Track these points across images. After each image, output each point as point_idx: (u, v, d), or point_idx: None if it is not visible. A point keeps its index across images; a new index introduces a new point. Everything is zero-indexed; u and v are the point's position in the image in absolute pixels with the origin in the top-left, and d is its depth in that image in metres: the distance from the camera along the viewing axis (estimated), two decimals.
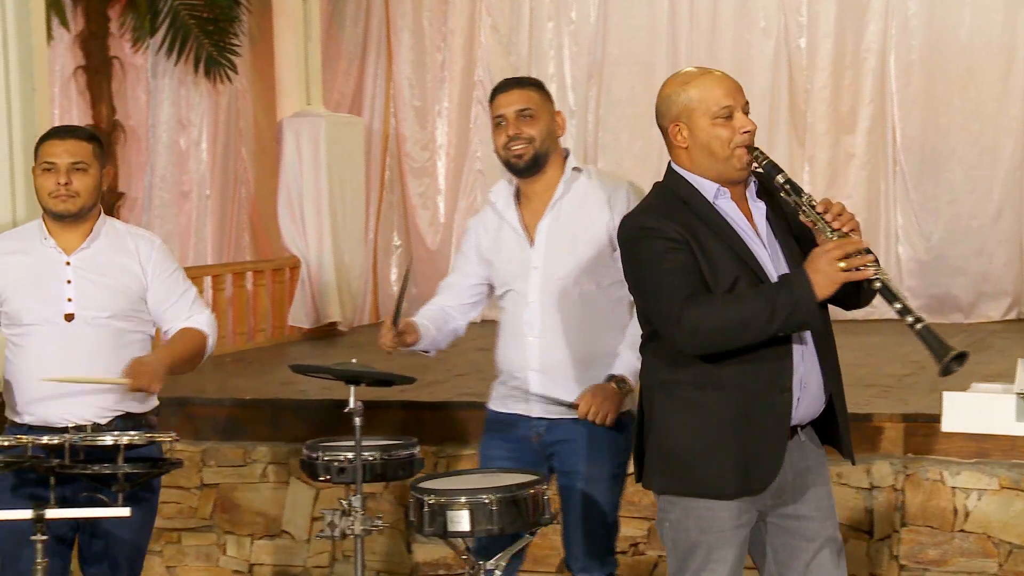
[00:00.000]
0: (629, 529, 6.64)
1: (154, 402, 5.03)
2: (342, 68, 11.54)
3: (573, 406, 4.75)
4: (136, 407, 4.91)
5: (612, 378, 4.77)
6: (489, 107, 4.96)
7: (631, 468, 4.31)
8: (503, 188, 5.01)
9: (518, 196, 4.96)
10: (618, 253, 4.66)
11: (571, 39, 11.19)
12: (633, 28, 11.06)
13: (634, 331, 4.79)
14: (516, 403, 4.89)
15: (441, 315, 5.05)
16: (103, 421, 4.84)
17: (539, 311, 4.83)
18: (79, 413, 4.82)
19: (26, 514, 4.50)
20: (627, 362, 4.78)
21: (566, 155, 4.94)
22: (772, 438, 3.87)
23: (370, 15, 11.58)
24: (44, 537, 4.51)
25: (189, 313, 5.05)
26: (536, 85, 4.94)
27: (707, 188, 3.95)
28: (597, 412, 4.73)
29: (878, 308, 4.07)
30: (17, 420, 4.89)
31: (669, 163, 4.04)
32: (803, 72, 10.85)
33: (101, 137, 9.94)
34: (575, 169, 4.90)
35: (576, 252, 4.83)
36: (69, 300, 4.84)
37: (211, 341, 5.08)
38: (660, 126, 4.05)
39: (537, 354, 4.83)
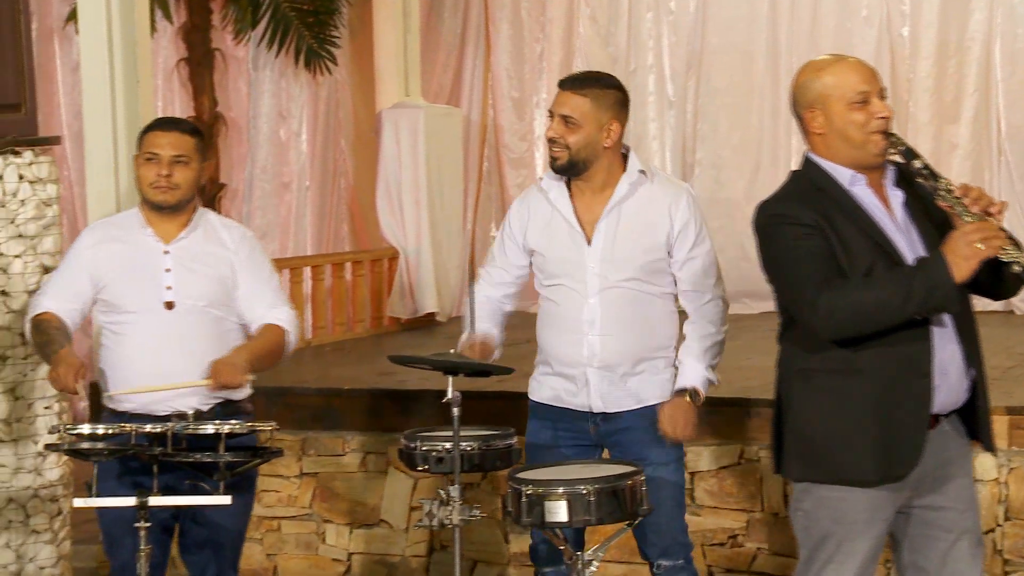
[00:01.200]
0: (727, 521, 6.61)
1: (249, 390, 5.06)
2: (441, 59, 11.56)
3: (663, 435, 4.80)
4: (233, 395, 4.95)
5: (684, 392, 4.80)
6: None
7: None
8: (555, 176, 4.95)
9: (569, 186, 4.92)
10: (672, 259, 4.71)
11: (670, 29, 11.13)
12: (733, 18, 10.98)
13: (696, 341, 4.83)
14: (571, 396, 4.89)
15: (498, 310, 5.10)
16: (205, 408, 4.89)
17: (599, 310, 4.83)
18: (183, 401, 4.87)
19: (129, 501, 4.57)
20: (696, 373, 4.83)
21: (626, 152, 4.89)
22: (912, 424, 3.85)
23: (469, 6, 11.58)
24: (147, 524, 4.57)
25: (270, 307, 5.03)
26: (596, 88, 4.82)
27: (842, 175, 3.95)
28: (680, 434, 4.81)
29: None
30: (116, 408, 4.93)
31: (806, 152, 4.03)
32: (906, 61, 10.71)
33: (203, 130, 10.07)
34: (641, 172, 4.87)
35: (636, 257, 4.83)
36: (168, 288, 4.89)
37: (291, 338, 5.04)
38: (795, 114, 4.05)
39: (598, 352, 4.84)
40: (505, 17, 11.50)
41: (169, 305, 4.88)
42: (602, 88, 4.84)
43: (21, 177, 5.92)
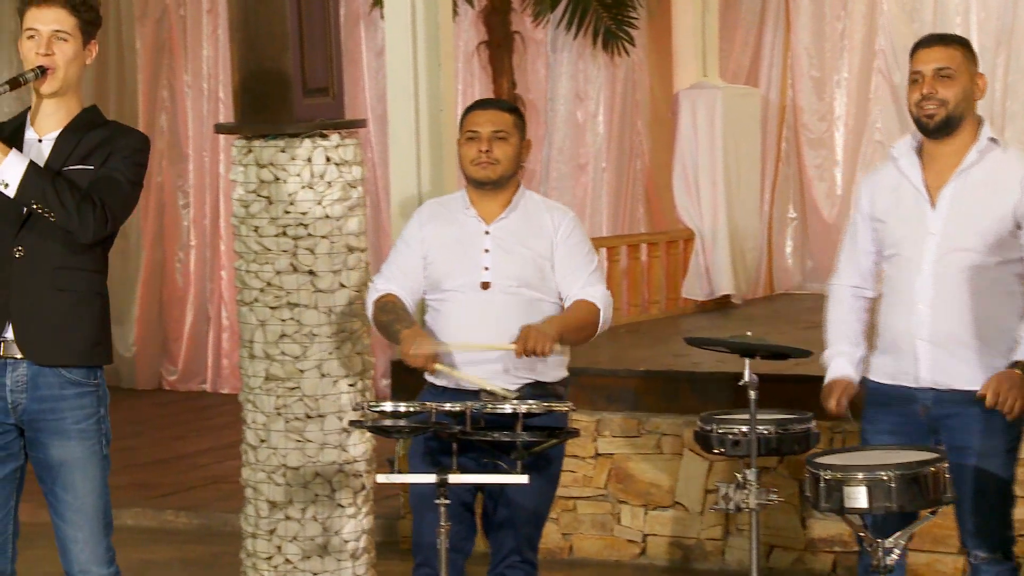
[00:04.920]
0: None
1: (563, 373, 5.14)
2: (739, 39, 11.44)
3: (980, 397, 4.60)
4: (546, 376, 5.03)
5: (1017, 364, 4.62)
6: (909, 60, 4.84)
7: None
8: (906, 144, 4.87)
9: (920, 154, 4.82)
10: (1021, 230, 4.56)
11: (979, 4, 10.77)
12: None
13: None
14: (902, 375, 4.77)
15: (861, 310, 4.98)
16: (513, 387, 4.96)
17: (932, 280, 4.69)
18: (491, 379, 4.96)
19: (430, 478, 4.67)
20: None
21: (980, 122, 4.78)
22: None
23: None
24: (447, 501, 4.66)
25: (585, 284, 5.11)
26: (962, 43, 4.80)
27: None
28: (1006, 403, 4.57)
29: None
30: (435, 382, 5.09)
31: None
32: None
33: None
34: (991, 140, 4.75)
35: (980, 225, 4.68)
36: (486, 269, 5.00)
37: (604, 316, 5.12)
38: None
39: (927, 324, 4.70)
40: None
41: (485, 285, 5.00)
42: (961, 41, 4.83)
43: (328, 159, 6.08)
